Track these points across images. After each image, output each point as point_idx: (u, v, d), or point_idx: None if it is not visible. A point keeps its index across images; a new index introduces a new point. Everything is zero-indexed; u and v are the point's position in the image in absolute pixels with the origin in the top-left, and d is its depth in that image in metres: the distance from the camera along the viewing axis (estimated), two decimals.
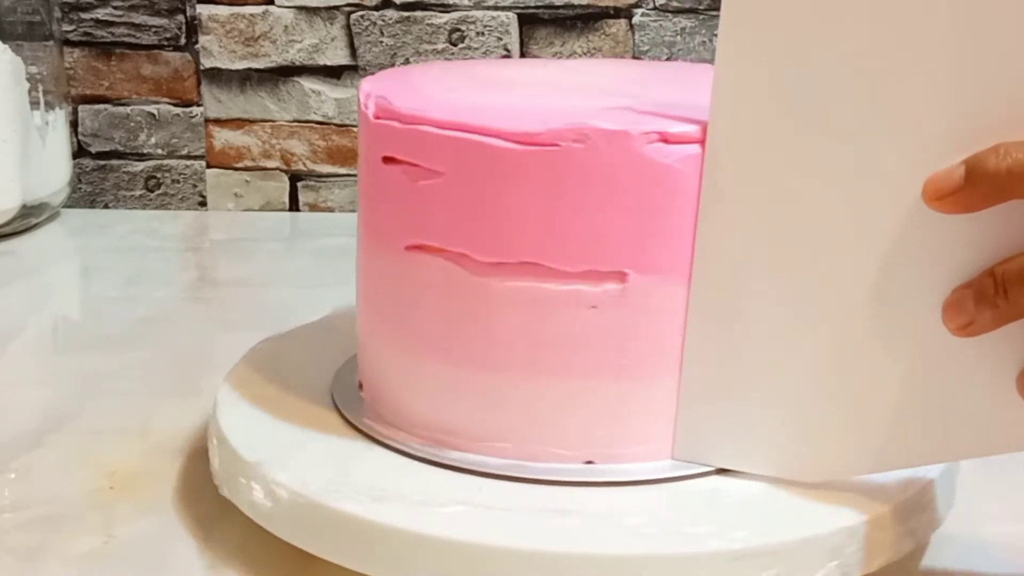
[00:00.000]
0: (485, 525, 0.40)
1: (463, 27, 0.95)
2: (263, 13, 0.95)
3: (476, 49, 0.95)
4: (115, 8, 0.96)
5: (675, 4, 0.94)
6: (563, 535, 0.39)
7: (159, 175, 0.99)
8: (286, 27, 0.96)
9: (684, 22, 0.94)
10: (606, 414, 0.43)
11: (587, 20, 0.94)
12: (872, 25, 0.38)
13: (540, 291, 0.42)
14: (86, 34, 0.97)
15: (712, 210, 0.41)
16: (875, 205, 0.39)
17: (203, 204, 0.99)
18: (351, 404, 0.48)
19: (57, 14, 0.93)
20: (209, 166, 0.99)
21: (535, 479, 0.42)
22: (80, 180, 0.99)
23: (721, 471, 0.43)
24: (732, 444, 0.42)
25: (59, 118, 0.93)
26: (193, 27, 0.96)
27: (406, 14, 0.95)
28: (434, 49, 0.95)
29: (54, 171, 0.92)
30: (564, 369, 0.43)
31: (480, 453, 0.44)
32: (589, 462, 0.43)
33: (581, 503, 0.41)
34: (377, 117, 0.45)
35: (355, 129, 0.97)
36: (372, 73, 0.95)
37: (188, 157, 0.99)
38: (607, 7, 0.94)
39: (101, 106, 0.98)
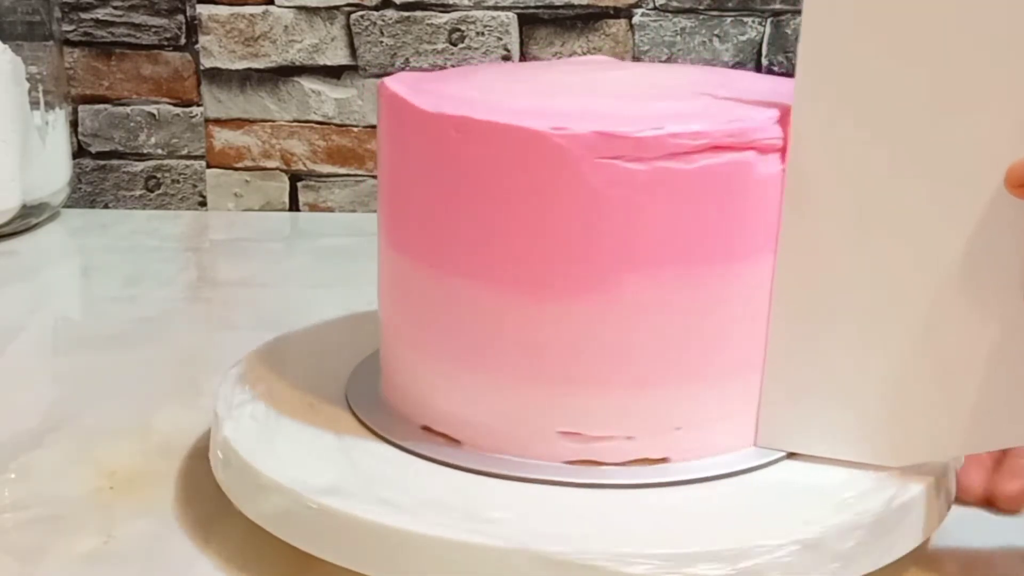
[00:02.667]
0: (479, 526, 0.39)
1: (463, 27, 0.95)
2: (263, 13, 0.95)
3: (476, 49, 0.95)
4: (115, 8, 0.96)
5: (675, 4, 0.94)
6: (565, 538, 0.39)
7: (159, 175, 0.99)
8: (286, 27, 0.95)
9: (684, 22, 0.94)
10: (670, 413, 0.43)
11: (587, 20, 0.94)
12: (951, 17, 0.39)
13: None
14: (86, 34, 0.97)
15: (795, 202, 0.41)
16: (958, 192, 0.40)
17: (203, 204, 0.99)
18: (364, 404, 0.48)
19: (57, 14, 0.93)
20: (209, 166, 0.99)
21: (530, 479, 0.43)
22: (80, 180, 0.99)
23: (791, 455, 0.43)
24: (817, 431, 0.43)
25: (59, 118, 0.93)
26: (193, 27, 0.96)
27: (406, 14, 0.95)
28: (434, 49, 0.95)
29: (54, 171, 0.92)
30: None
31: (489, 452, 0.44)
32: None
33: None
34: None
35: (355, 129, 0.97)
36: (372, 73, 0.96)
37: (188, 157, 0.99)
38: (607, 7, 0.94)
39: (101, 106, 0.98)
